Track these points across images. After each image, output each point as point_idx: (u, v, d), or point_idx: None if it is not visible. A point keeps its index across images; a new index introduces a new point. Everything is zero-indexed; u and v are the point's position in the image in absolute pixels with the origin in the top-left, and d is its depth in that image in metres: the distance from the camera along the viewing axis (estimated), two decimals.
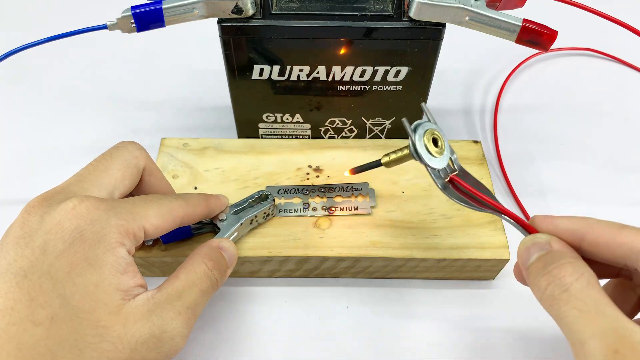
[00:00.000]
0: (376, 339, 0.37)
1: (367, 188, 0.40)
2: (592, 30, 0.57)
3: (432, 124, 0.31)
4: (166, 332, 0.27)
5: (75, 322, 0.24)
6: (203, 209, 0.33)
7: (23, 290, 0.24)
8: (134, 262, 0.27)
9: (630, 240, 0.24)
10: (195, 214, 0.32)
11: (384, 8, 0.36)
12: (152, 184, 0.33)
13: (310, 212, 0.39)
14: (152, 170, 0.33)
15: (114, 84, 0.55)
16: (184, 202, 0.31)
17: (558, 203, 0.45)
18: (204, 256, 0.30)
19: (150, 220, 0.28)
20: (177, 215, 0.30)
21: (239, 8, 0.34)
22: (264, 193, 0.38)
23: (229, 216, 0.36)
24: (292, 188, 0.40)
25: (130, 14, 0.34)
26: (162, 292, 0.27)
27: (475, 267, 0.38)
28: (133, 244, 0.28)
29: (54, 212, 0.26)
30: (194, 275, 0.29)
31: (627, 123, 0.52)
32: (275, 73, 0.39)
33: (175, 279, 0.28)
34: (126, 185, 0.30)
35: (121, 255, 0.26)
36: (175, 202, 0.30)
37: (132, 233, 0.27)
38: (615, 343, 0.21)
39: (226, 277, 0.32)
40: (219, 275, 0.30)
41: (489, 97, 0.54)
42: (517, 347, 0.36)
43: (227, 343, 0.36)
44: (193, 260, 0.30)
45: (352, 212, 0.39)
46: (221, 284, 0.31)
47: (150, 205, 0.29)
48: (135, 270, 0.27)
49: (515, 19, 0.34)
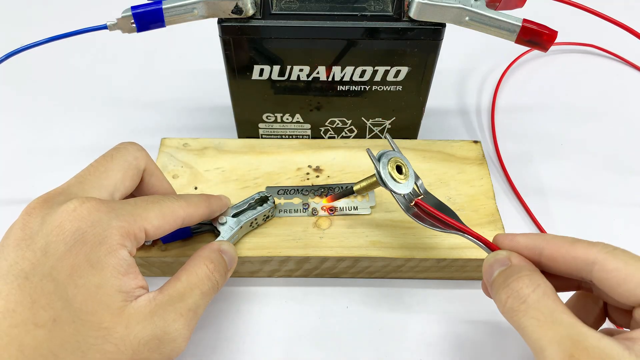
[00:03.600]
0: (376, 338, 0.37)
1: None
2: (590, 29, 0.58)
3: (395, 153, 0.34)
4: (168, 334, 0.27)
5: (78, 323, 0.24)
6: (204, 209, 0.33)
7: (24, 293, 0.24)
8: (135, 264, 0.27)
9: (583, 253, 0.26)
10: (196, 214, 0.32)
11: (383, 8, 0.36)
12: (153, 184, 0.33)
13: (310, 212, 0.39)
14: (152, 171, 0.33)
15: (114, 84, 0.56)
16: (185, 203, 0.31)
17: (558, 203, 0.45)
18: (205, 259, 0.30)
19: (151, 221, 0.28)
20: (179, 216, 0.30)
21: (239, 8, 0.35)
22: (264, 195, 0.38)
23: (228, 219, 0.36)
24: (292, 189, 0.40)
25: (131, 14, 0.34)
26: (163, 293, 0.28)
27: (475, 267, 0.38)
28: (134, 245, 0.28)
29: (55, 214, 0.26)
30: (195, 277, 0.29)
31: (626, 121, 0.52)
32: (275, 73, 0.39)
33: (176, 280, 0.29)
34: (127, 186, 0.31)
35: (123, 257, 0.26)
36: (177, 203, 0.30)
37: (133, 234, 0.27)
38: (570, 348, 0.23)
39: (226, 279, 0.32)
40: (219, 277, 0.31)
41: (486, 95, 0.55)
42: (519, 347, 0.36)
43: (228, 342, 0.36)
44: (194, 262, 0.30)
45: (352, 212, 0.39)
46: (221, 285, 0.31)
47: (151, 207, 0.29)
48: (137, 271, 0.27)
49: (515, 19, 0.34)
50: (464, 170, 0.42)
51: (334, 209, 0.39)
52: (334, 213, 0.39)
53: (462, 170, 0.42)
